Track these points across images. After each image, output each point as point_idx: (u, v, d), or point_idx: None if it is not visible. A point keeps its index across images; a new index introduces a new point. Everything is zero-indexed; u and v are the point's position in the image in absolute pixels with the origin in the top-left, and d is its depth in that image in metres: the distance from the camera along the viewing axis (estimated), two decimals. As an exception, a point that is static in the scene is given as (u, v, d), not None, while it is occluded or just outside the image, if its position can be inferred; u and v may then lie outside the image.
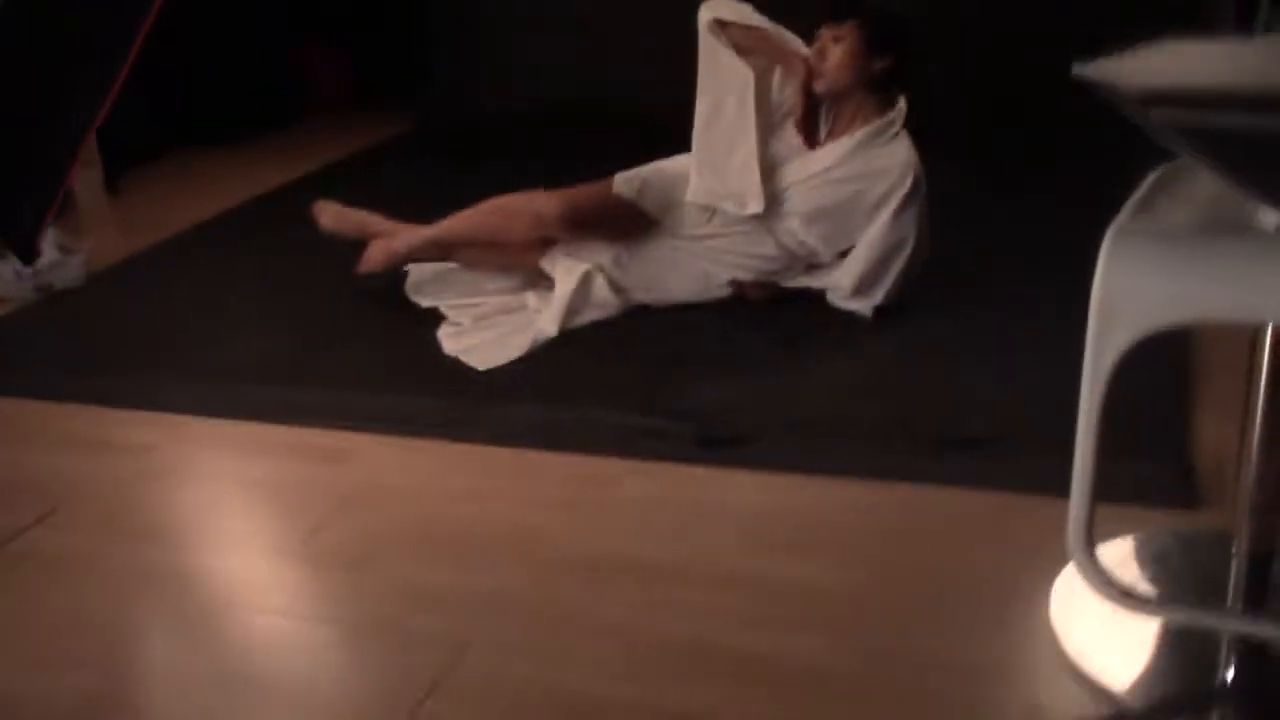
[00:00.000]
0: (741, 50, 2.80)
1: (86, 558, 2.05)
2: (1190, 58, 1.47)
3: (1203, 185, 1.53)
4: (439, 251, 2.97)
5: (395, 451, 2.32)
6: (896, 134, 2.76)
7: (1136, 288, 1.43)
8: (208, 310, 3.12)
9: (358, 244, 3.07)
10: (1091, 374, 1.48)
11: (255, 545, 2.04)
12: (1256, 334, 1.60)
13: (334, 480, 2.22)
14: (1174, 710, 1.54)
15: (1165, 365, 2.33)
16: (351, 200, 3.23)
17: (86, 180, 4.18)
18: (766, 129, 2.81)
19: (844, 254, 2.81)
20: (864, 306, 2.75)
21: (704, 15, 2.82)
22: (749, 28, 2.81)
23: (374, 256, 2.98)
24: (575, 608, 1.80)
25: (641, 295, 2.87)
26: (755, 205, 2.76)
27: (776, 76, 2.84)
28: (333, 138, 4.92)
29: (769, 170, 2.78)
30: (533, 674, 1.67)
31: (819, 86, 2.75)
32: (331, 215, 3.15)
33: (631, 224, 2.86)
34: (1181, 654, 1.63)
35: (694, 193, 2.83)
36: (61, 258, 3.33)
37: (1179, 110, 1.32)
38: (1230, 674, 1.60)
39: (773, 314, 2.86)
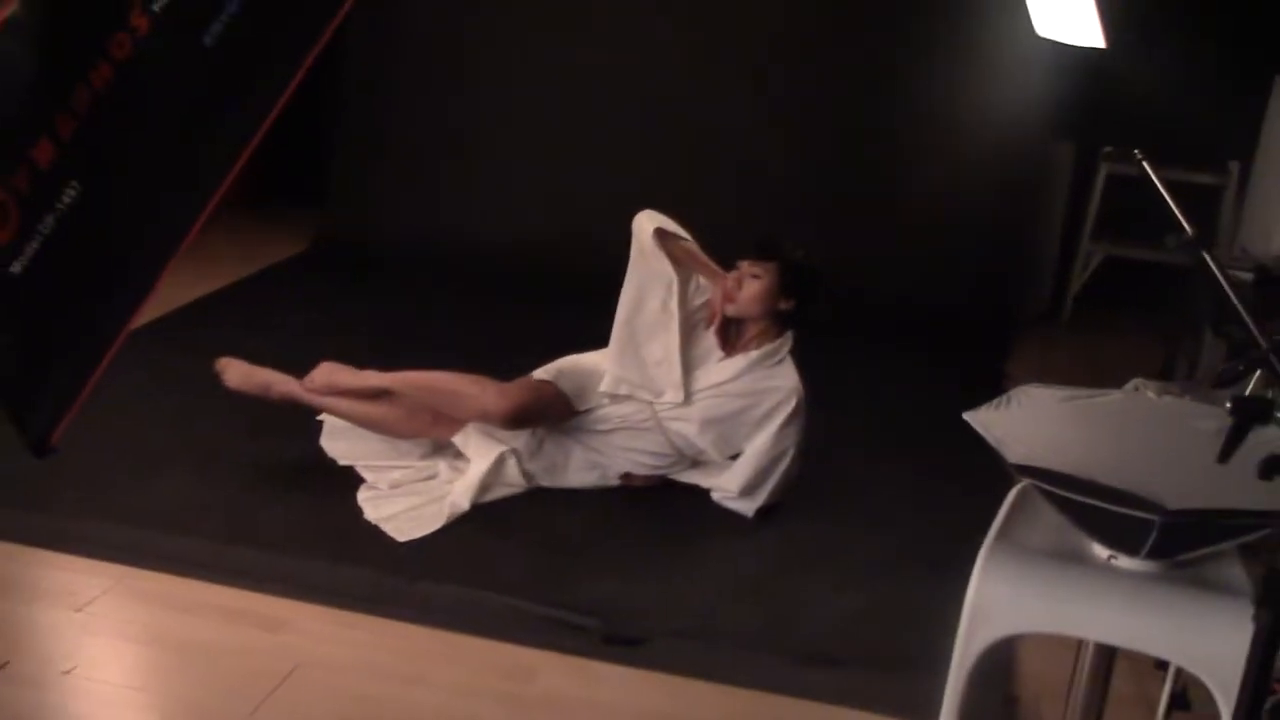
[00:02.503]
0: (673, 259, 3.16)
1: (42, 711, 2.24)
2: (1044, 424, 1.89)
3: (1052, 511, 1.93)
4: (365, 404, 3.18)
5: (327, 624, 2.56)
6: (783, 359, 3.17)
7: (999, 604, 1.82)
8: (129, 442, 3.27)
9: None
10: (958, 663, 1.86)
11: (212, 716, 2.25)
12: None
13: (271, 651, 2.45)
14: None
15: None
16: (250, 327, 3.41)
17: None
18: (685, 330, 3.17)
19: (732, 457, 3.19)
20: (746, 508, 3.12)
21: (645, 224, 3.17)
22: (682, 241, 3.18)
23: (317, 377, 3.18)
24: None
25: (545, 480, 3.18)
26: (674, 395, 3.12)
27: (693, 285, 3.22)
28: (230, 249, 5.08)
29: (686, 368, 3.14)
30: None
31: (729, 309, 3.13)
32: (237, 374, 3.22)
33: (561, 413, 3.17)
34: None
35: (610, 382, 3.16)
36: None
37: (1045, 484, 1.74)
38: None
39: (659, 501, 3.21)
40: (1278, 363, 1.25)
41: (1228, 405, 1.24)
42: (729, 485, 3.14)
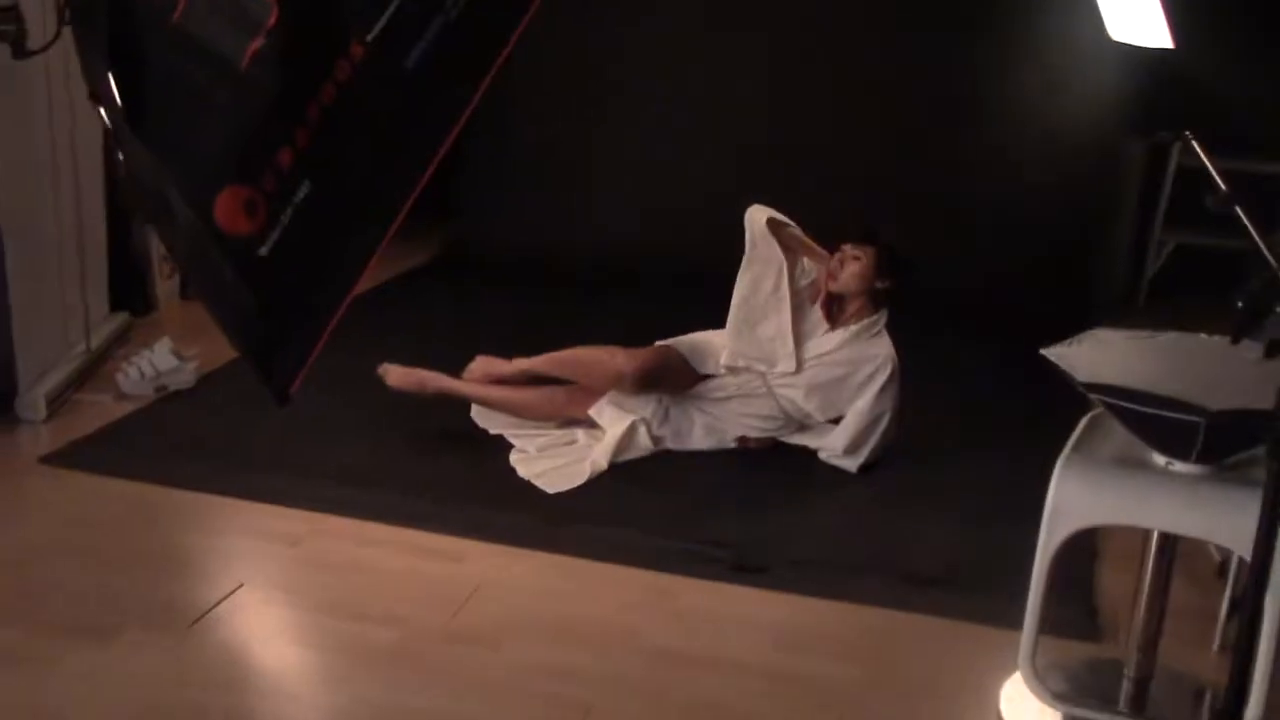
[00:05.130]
0: (782, 245, 3.60)
1: (279, 623, 2.72)
2: (1111, 355, 2.28)
3: (1120, 429, 2.32)
4: (509, 392, 3.68)
5: (499, 557, 3.01)
6: (879, 332, 3.59)
7: (1074, 501, 2.22)
8: (313, 419, 3.72)
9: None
10: (1041, 555, 2.26)
11: (418, 622, 2.71)
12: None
13: (459, 577, 2.91)
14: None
15: (1082, 535, 3.12)
16: (389, 327, 4.09)
17: (166, 289, 4.85)
18: (795, 306, 3.60)
19: (833, 420, 3.60)
20: (851, 464, 3.53)
21: (757, 215, 3.61)
22: (789, 229, 3.62)
23: (475, 368, 3.73)
24: (664, 685, 2.52)
25: (671, 444, 3.62)
26: (787, 365, 3.55)
27: (799, 268, 3.65)
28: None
29: (797, 339, 3.57)
30: (642, 731, 2.38)
31: (832, 286, 3.57)
32: (397, 375, 3.70)
33: (682, 378, 3.61)
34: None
35: (729, 356, 3.59)
36: (179, 364, 4.00)
37: (1109, 398, 2.13)
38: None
39: (773, 460, 3.63)
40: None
41: (1239, 303, 1.63)
42: (835, 444, 3.56)
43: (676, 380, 3.60)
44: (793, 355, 3.54)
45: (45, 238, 3.86)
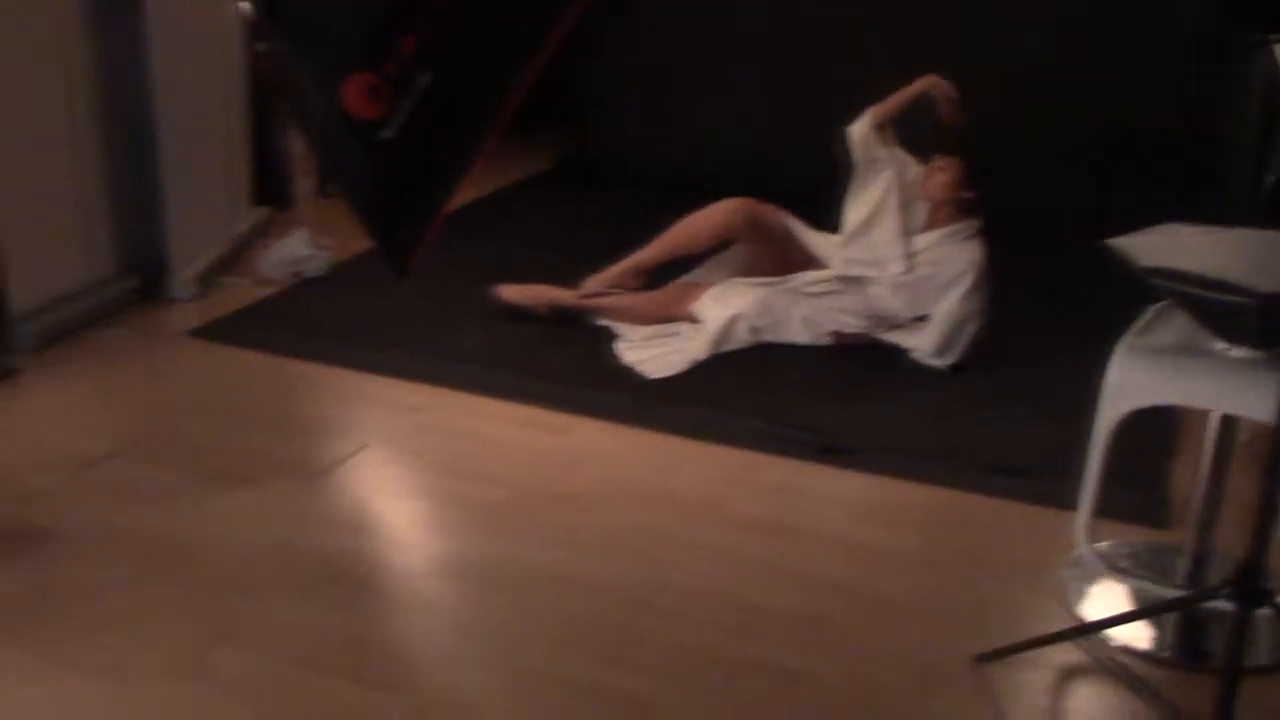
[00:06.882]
0: (891, 122, 3.77)
1: (398, 479, 3.01)
2: (1178, 245, 2.39)
3: (1183, 318, 2.42)
4: (618, 301, 3.94)
5: (602, 433, 3.25)
6: (970, 236, 3.70)
7: (1132, 380, 2.35)
8: (437, 310, 4.03)
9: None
10: (1098, 431, 2.40)
11: (527, 485, 2.97)
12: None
13: (565, 448, 3.16)
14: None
15: (1160, 432, 3.22)
16: (506, 232, 4.41)
17: (304, 187, 5.16)
18: (904, 207, 3.78)
19: (918, 319, 3.75)
20: (940, 363, 3.68)
21: (856, 130, 3.77)
22: (880, 111, 3.76)
23: (590, 283, 4.01)
24: (747, 551, 2.73)
25: (768, 335, 3.80)
26: (897, 266, 3.72)
27: (910, 172, 3.80)
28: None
29: (906, 238, 3.75)
30: (722, 590, 2.58)
31: (924, 195, 3.71)
32: (512, 291, 3.99)
33: (779, 241, 3.89)
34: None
35: (842, 264, 3.79)
36: (313, 252, 4.30)
37: (1167, 281, 2.25)
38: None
39: (865, 356, 3.79)
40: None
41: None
42: (925, 344, 3.70)
43: (778, 240, 3.90)
44: (903, 257, 3.69)
45: (196, 134, 4.18)
